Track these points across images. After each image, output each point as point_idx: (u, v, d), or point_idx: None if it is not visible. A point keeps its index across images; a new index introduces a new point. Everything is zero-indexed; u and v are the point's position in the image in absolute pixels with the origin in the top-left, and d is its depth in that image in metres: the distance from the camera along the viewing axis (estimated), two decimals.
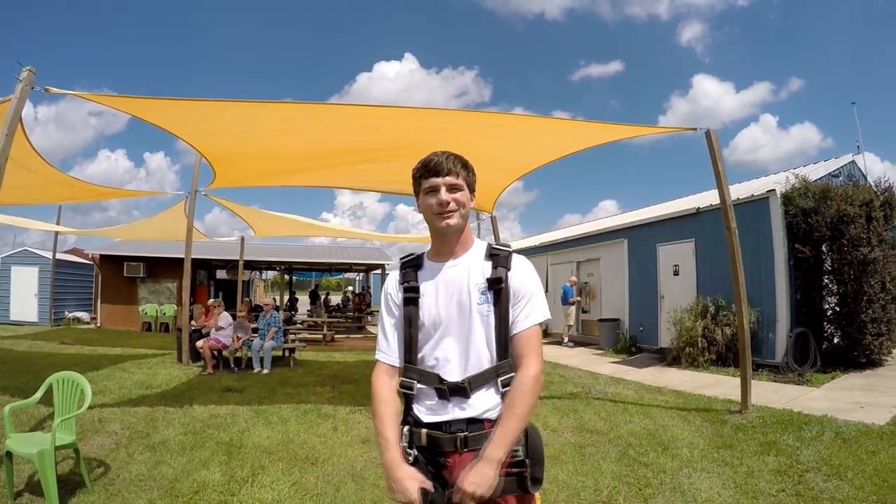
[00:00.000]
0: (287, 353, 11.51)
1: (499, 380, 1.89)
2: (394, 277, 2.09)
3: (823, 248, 9.42)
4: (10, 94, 4.88)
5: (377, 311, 21.10)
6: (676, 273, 11.98)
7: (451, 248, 2.00)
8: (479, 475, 1.71)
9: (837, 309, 9.39)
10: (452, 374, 1.89)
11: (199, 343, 10.36)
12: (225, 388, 8.54)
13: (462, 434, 1.84)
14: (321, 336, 16.66)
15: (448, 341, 1.92)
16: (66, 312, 21.09)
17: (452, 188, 1.91)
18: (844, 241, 8.99)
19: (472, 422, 1.86)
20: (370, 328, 22.03)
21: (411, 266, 2.05)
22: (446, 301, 1.94)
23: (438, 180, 1.91)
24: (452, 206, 1.91)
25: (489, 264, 1.95)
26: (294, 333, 12.26)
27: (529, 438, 1.87)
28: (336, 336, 17.87)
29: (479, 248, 2.03)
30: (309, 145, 7.13)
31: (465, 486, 1.70)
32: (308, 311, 22.55)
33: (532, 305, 1.93)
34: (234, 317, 11.13)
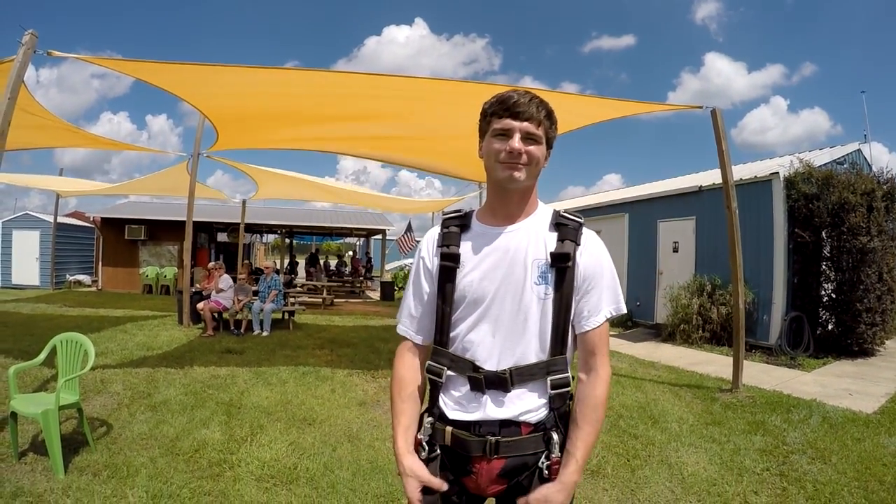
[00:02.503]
0: (287, 316, 11.62)
1: (549, 379, 1.57)
2: (432, 236, 1.74)
3: (823, 234, 9.42)
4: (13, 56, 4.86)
5: (376, 277, 21.07)
6: (676, 250, 12.02)
7: (511, 209, 1.64)
8: (558, 499, 1.50)
9: (833, 296, 9.43)
10: (490, 363, 1.57)
11: (200, 305, 10.46)
12: (225, 349, 8.66)
13: (493, 438, 1.54)
14: (321, 300, 16.77)
15: (489, 323, 1.59)
16: (68, 276, 21.15)
17: (529, 137, 1.55)
18: (844, 228, 8.99)
19: (507, 424, 1.55)
20: (369, 293, 22.15)
21: (456, 226, 1.69)
22: (494, 274, 1.59)
23: (515, 124, 1.54)
24: (524, 158, 1.54)
25: (554, 236, 1.61)
26: (294, 297, 12.33)
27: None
28: (336, 300, 18.00)
29: (543, 214, 1.68)
30: (312, 109, 7.13)
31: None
32: (308, 272, 22.65)
33: (609, 295, 1.63)
34: (234, 279, 11.21)
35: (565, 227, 1.62)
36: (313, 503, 3.64)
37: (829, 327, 9.59)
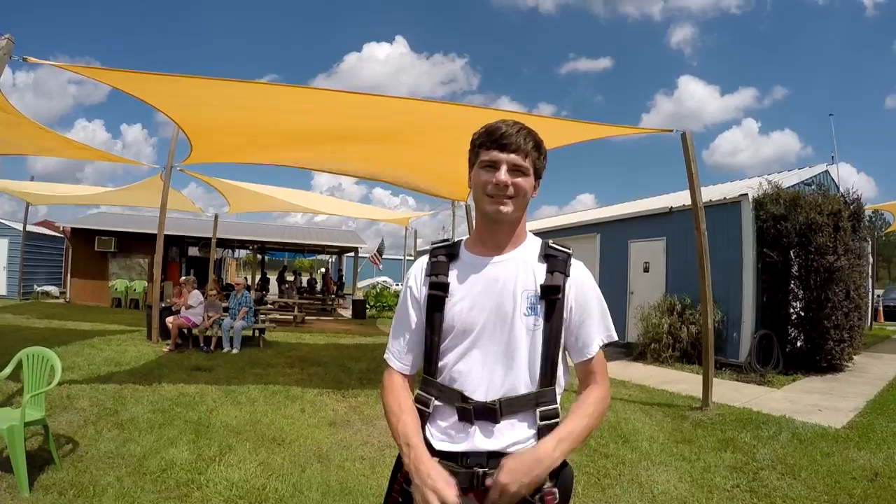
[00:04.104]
0: (257, 334, 11.50)
1: (538, 410, 1.55)
2: (420, 266, 1.71)
3: (791, 253, 9.62)
4: None
5: (348, 295, 20.90)
6: (646, 270, 12.17)
7: (499, 239, 1.63)
8: (526, 470, 1.40)
9: (802, 314, 9.62)
10: (478, 394, 1.54)
11: (170, 319, 10.29)
12: (194, 366, 8.52)
13: (481, 470, 1.49)
14: (292, 317, 16.65)
15: (478, 353, 1.57)
16: (36, 286, 20.73)
17: (516, 169, 1.54)
18: (812, 248, 9.19)
19: (495, 456, 1.50)
20: (341, 311, 22.00)
21: (444, 255, 1.67)
22: (483, 304, 1.57)
23: (501, 156, 1.53)
24: (511, 190, 1.54)
25: (543, 267, 1.61)
26: (265, 314, 12.22)
27: (562, 476, 1.54)
28: (307, 318, 17.86)
29: (532, 245, 1.67)
30: (288, 124, 7.11)
31: (504, 480, 1.39)
32: (280, 289, 22.42)
33: (601, 323, 1.66)
34: (204, 295, 11.06)
35: (554, 259, 1.62)
36: None
37: (798, 344, 9.76)
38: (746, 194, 9.96)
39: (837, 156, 13.49)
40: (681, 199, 11.72)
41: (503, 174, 1.53)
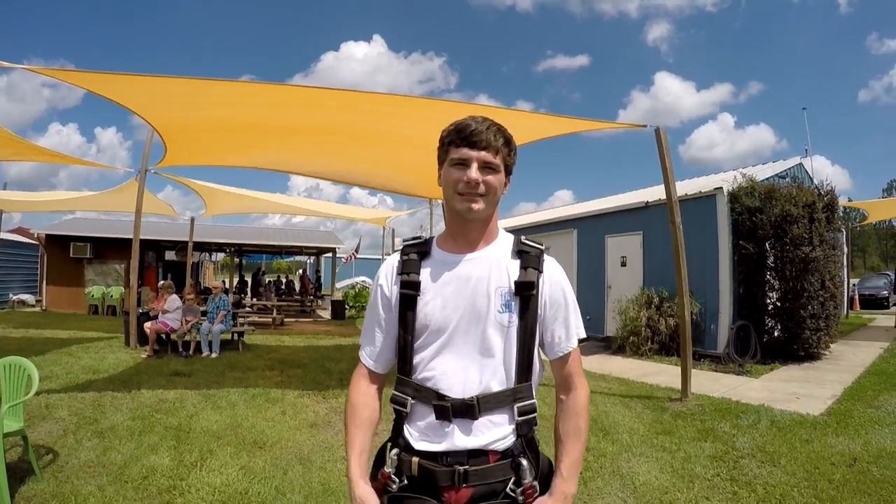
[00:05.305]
0: (236, 337, 11.43)
1: (515, 406, 1.56)
2: (390, 264, 1.70)
3: (767, 245, 9.77)
4: None
5: (327, 296, 20.70)
6: (624, 264, 12.26)
7: (471, 236, 1.62)
8: None
9: (778, 304, 9.77)
10: (454, 391, 1.54)
11: (147, 325, 10.17)
12: (173, 372, 8.43)
13: (462, 468, 1.51)
14: (270, 320, 16.55)
15: (452, 351, 1.57)
16: (11, 295, 20.35)
17: (486, 167, 1.54)
18: (787, 239, 9.34)
19: (475, 454, 1.53)
20: (320, 312, 21.90)
21: (415, 253, 1.66)
22: (456, 302, 1.57)
23: (472, 153, 1.52)
24: (482, 188, 1.53)
25: (517, 263, 1.60)
26: (243, 317, 12.11)
27: (541, 468, 1.62)
28: (286, 320, 17.77)
29: (504, 241, 1.66)
30: (264, 123, 7.07)
31: None
32: (258, 291, 22.23)
33: (575, 320, 1.66)
34: (182, 300, 10.94)
35: (527, 255, 1.61)
36: None
37: (776, 334, 9.92)
38: (721, 187, 10.08)
39: (811, 149, 13.73)
40: (657, 193, 11.81)
41: (474, 172, 1.52)
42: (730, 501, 4.00)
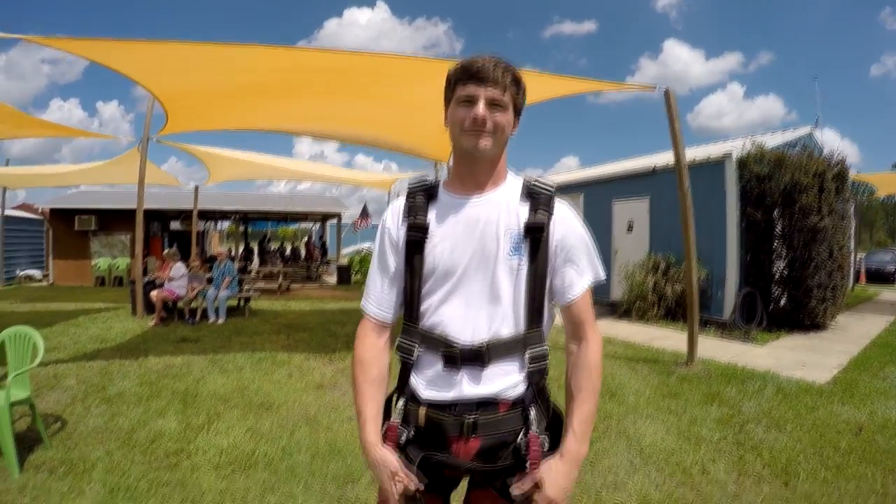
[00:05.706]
0: (242, 303, 11.47)
1: (526, 354, 1.51)
2: (396, 208, 1.62)
3: (775, 213, 9.68)
4: None
5: (333, 261, 20.68)
6: (630, 229, 12.20)
7: (479, 178, 1.55)
8: (567, 479, 1.45)
9: (786, 273, 9.71)
10: (463, 338, 1.48)
11: (154, 293, 10.21)
12: (180, 338, 8.49)
13: (471, 418, 1.46)
14: (276, 286, 16.57)
15: (461, 296, 1.51)
16: (18, 271, 20.39)
17: (494, 104, 1.46)
18: (796, 208, 9.26)
19: (484, 404, 1.47)
20: (326, 277, 21.96)
21: (422, 195, 1.59)
22: (464, 246, 1.50)
23: (479, 90, 1.45)
24: (489, 125, 1.46)
25: (526, 206, 1.53)
26: (249, 283, 12.14)
27: (552, 426, 1.57)
28: (292, 285, 17.81)
29: (513, 184, 1.59)
30: (267, 87, 6.95)
31: (552, 495, 1.42)
32: (263, 258, 22.25)
33: (588, 263, 1.57)
34: (188, 268, 10.96)
35: (537, 197, 1.54)
36: (272, 488, 3.58)
37: (782, 303, 9.87)
38: (730, 153, 9.96)
39: (821, 119, 13.50)
40: (664, 158, 11.70)
41: (481, 108, 1.44)
42: (736, 465, 3.99)
